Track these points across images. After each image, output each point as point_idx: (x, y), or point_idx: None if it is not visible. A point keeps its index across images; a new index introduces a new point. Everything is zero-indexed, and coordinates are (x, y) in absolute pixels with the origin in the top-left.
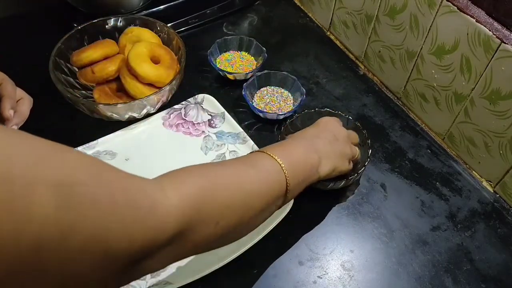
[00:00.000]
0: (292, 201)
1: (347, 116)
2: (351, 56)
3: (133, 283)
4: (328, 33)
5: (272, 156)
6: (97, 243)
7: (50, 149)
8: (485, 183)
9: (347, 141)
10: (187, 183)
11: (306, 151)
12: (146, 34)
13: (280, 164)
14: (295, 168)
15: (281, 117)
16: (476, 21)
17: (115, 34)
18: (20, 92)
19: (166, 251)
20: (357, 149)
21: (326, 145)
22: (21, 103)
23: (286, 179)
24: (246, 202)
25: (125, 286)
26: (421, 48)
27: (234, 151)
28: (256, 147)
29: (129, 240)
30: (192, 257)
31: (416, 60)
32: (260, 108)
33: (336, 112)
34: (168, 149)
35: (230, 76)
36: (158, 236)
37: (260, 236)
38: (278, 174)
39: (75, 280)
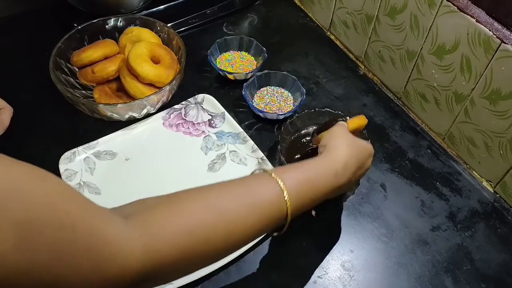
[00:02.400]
0: None
1: (347, 116)
2: (351, 56)
3: None
4: (328, 33)
5: (277, 183)
6: (55, 284)
7: (23, 180)
8: (485, 183)
9: (366, 165)
10: (160, 235)
11: (325, 187)
12: (146, 34)
13: (281, 187)
14: (301, 196)
15: (281, 117)
16: (476, 21)
17: (115, 34)
18: (0, 102)
19: None
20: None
21: (347, 186)
22: (1, 113)
23: (287, 205)
24: (230, 239)
25: None
26: (421, 48)
27: (234, 151)
28: (256, 147)
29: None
30: None
31: (416, 60)
32: (260, 108)
33: (336, 112)
34: (168, 149)
35: (230, 76)
36: (116, 282)
37: (260, 236)
38: (275, 203)
39: None
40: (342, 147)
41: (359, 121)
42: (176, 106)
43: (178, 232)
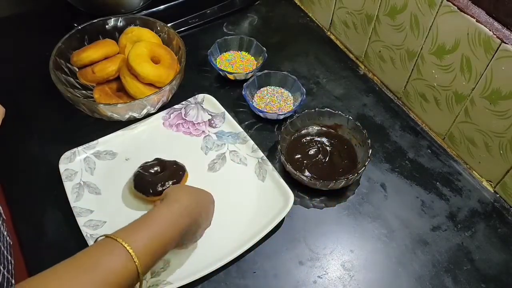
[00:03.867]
0: (292, 201)
1: (347, 116)
2: (351, 56)
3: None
4: (328, 33)
5: (125, 249)
6: None
7: None
8: (485, 183)
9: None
10: None
11: (173, 232)
12: (146, 34)
13: (132, 257)
14: (151, 253)
15: (281, 117)
16: (476, 21)
17: (115, 34)
18: None
19: None
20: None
21: (197, 230)
22: None
23: (137, 268)
24: None
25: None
26: (422, 48)
27: (234, 151)
28: (256, 147)
29: None
30: (192, 257)
31: (417, 60)
32: (260, 108)
33: (336, 112)
34: (168, 149)
35: (230, 76)
36: None
37: (260, 236)
38: (128, 269)
39: None
40: (181, 193)
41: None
42: (176, 106)
43: None
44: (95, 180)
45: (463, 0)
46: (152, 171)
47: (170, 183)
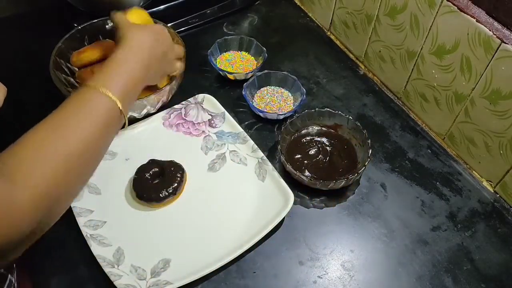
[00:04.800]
0: (292, 201)
1: (347, 116)
2: (351, 56)
3: (133, 283)
4: (328, 33)
5: (106, 95)
6: None
7: None
8: (485, 183)
9: (173, 61)
10: (35, 172)
11: (140, 73)
12: None
13: (115, 102)
14: (128, 92)
15: (281, 117)
16: (476, 21)
17: (115, 34)
18: None
19: (24, 244)
20: (178, 65)
21: (157, 64)
22: None
23: (121, 110)
24: (90, 156)
25: (123, 283)
26: (422, 48)
27: (234, 151)
28: (256, 147)
29: None
30: (192, 257)
31: (417, 60)
32: (260, 108)
33: (336, 112)
34: (168, 149)
35: (230, 76)
36: (14, 238)
37: (260, 236)
38: (113, 114)
39: None
40: (133, 32)
41: (138, 15)
42: (176, 106)
43: (44, 179)
44: (95, 180)
45: (463, 0)
46: (150, 174)
47: (171, 188)
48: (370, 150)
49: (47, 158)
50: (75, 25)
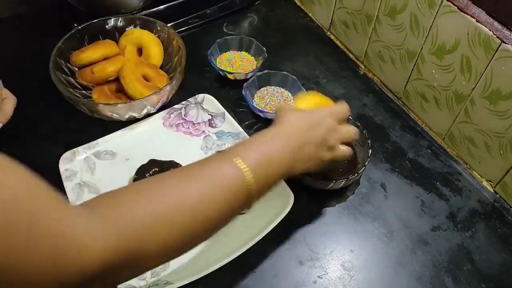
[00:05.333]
0: (292, 201)
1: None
2: (351, 56)
3: (133, 283)
4: (328, 33)
5: (235, 163)
6: (9, 273)
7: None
8: (485, 183)
9: (334, 146)
10: (122, 220)
11: (283, 153)
12: (147, 36)
13: (243, 171)
14: (266, 169)
15: None
16: (476, 21)
17: (115, 34)
18: (4, 92)
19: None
20: (346, 150)
21: (310, 151)
22: (5, 102)
23: (248, 187)
24: (195, 225)
25: (123, 285)
26: (422, 48)
27: None
28: None
29: (44, 279)
30: (192, 257)
31: (417, 60)
32: (260, 108)
33: None
34: (168, 149)
35: (230, 76)
36: (78, 280)
37: (260, 236)
38: (238, 183)
39: None
40: (288, 115)
41: (313, 99)
42: (176, 106)
43: (134, 225)
44: (95, 180)
45: (463, 0)
46: (151, 174)
47: None
48: (370, 150)
49: (147, 205)
50: (75, 25)
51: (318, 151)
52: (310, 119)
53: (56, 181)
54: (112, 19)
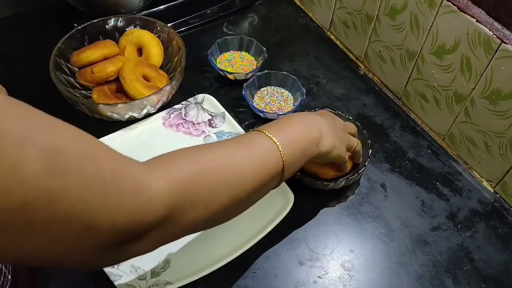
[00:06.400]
0: (292, 201)
1: (347, 116)
2: (351, 56)
3: (133, 283)
4: (328, 33)
5: (267, 135)
6: (79, 214)
7: (45, 117)
8: (485, 183)
9: (345, 129)
10: (176, 166)
11: (306, 126)
12: (146, 36)
13: (275, 143)
14: (293, 145)
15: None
16: (476, 21)
17: (115, 34)
18: None
19: (153, 234)
20: (355, 140)
21: (327, 124)
22: None
23: (282, 158)
24: (238, 184)
25: (123, 283)
26: (422, 48)
27: None
28: None
29: (112, 218)
30: (192, 257)
31: (417, 60)
32: (260, 108)
33: (336, 112)
34: (168, 149)
35: (230, 76)
36: (143, 218)
37: (260, 236)
38: (273, 153)
39: (59, 247)
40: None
41: None
42: (176, 106)
43: (195, 172)
44: None
45: (463, 0)
46: None
47: None
48: (370, 150)
49: (194, 159)
50: (75, 25)
51: (338, 131)
52: (324, 118)
53: None
54: (112, 19)
